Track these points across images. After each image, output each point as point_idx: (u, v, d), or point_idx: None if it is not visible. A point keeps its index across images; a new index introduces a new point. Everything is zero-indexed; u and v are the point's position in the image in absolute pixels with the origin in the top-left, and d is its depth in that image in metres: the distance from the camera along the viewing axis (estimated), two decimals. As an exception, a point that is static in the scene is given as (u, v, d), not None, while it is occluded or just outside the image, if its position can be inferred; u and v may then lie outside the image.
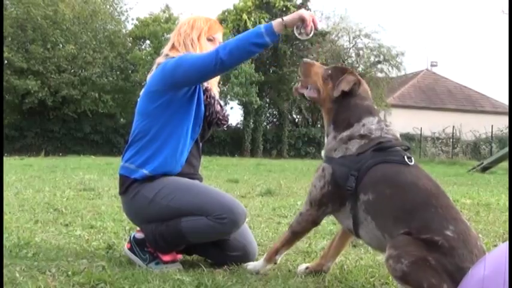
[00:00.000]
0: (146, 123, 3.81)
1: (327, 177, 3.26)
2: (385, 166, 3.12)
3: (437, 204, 2.93)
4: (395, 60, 37.63)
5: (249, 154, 34.20)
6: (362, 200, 3.11)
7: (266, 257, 3.55)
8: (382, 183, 3.08)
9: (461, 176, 15.85)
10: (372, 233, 3.12)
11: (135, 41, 38.18)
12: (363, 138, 3.25)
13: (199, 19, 4.00)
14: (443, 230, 2.80)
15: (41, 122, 33.46)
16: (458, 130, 35.58)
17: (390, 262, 2.81)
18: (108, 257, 3.97)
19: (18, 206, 6.89)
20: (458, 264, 2.70)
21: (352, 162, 3.18)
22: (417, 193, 2.99)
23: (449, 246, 2.75)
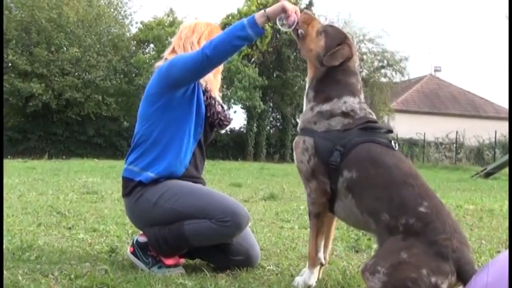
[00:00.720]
0: (148, 127, 3.82)
1: (310, 150, 3.23)
2: (371, 145, 3.12)
3: (415, 183, 2.97)
4: (399, 65, 37.60)
5: (252, 158, 34.20)
6: (345, 176, 3.10)
7: (309, 263, 3.39)
8: (368, 163, 3.08)
9: (465, 182, 15.83)
10: (350, 210, 3.13)
11: (139, 45, 38.23)
12: (347, 117, 3.24)
13: (200, 23, 4.04)
14: (418, 207, 2.86)
15: (44, 124, 33.47)
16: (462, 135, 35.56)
17: (367, 275, 2.80)
18: (111, 261, 3.97)
19: (21, 208, 6.90)
20: (431, 239, 2.75)
21: (337, 138, 3.17)
22: (398, 174, 3.01)
23: (422, 224, 2.81)
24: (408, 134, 35.34)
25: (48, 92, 31.60)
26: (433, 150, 34.77)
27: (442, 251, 2.71)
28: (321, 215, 3.31)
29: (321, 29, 3.44)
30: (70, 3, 33.41)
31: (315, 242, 3.35)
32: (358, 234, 5.05)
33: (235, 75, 33.40)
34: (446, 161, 32.53)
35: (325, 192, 3.21)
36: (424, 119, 39.79)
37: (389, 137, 3.22)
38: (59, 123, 33.56)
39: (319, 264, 3.42)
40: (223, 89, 33.65)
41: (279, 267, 3.93)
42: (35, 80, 31.25)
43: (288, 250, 4.55)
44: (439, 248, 2.72)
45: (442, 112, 42.12)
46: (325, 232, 3.49)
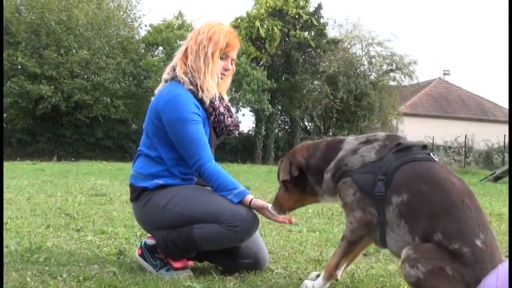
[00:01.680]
0: (152, 142, 3.84)
1: (354, 186, 3.16)
2: (413, 164, 3.05)
3: (471, 205, 2.91)
4: (408, 69, 37.46)
5: (260, 161, 34.16)
6: (395, 203, 3.00)
7: (325, 275, 3.32)
8: (417, 181, 2.99)
9: (474, 186, 15.75)
10: (402, 240, 3.00)
11: (147, 47, 38.25)
12: (373, 142, 3.23)
13: (218, 31, 3.84)
14: (474, 239, 2.78)
15: (53, 127, 33.53)
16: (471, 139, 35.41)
17: (406, 266, 2.78)
18: (119, 263, 3.98)
19: (30, 210, 6.92)
20: (478, 277, 2.67)
21: (375, 168, 3.10)
22: (453, 190, 2.94)
23: (474, 260, 2.73)
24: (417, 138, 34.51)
25: (58, 94, 31.66)
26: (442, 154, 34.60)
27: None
28: (355, 243, 3.25)
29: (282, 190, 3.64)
30: (80, 6, 33.48)
31: (338, 262, 3.30)
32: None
33: (243, 78, 33.39)
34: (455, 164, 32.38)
35: (369, 225, 3.13)
36: (432, 123, 39.67)
37: (424, 151, 3.15)
38: (68, 126, 33.62)
39: (334, 280, 3.41)
40: (232, 92, 33.68)
41: (287, 271, 3.93)
42: (44, 82, 31.32)
43: (296, 253, 4.55)
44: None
45: (451, 116, 42.00)
46: (352, 256, 3.47)
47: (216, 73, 3.82)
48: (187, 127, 3.67)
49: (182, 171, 3.78)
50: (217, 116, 3.86)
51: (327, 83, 35.61)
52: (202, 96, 3.75)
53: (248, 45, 35.78)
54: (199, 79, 3.75)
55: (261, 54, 36.41)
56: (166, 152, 3.77)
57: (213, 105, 3.83)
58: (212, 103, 3.83)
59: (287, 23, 36.23)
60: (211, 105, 3.82)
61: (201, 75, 3.75)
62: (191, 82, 3.76)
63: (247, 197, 3.65)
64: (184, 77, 3.78)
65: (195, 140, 3.67)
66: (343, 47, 37.98)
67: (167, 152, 3.76)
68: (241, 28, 36.13)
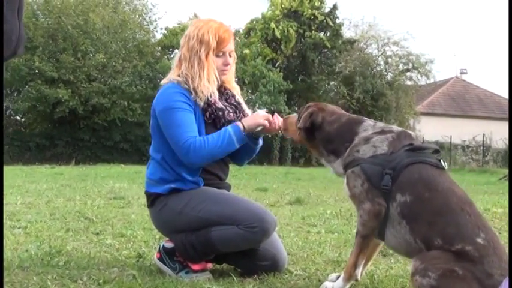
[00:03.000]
0: (157, 143, 3.88)
1: (362, 176, 3.17)
2: (421, 167, 3.07)
3: (471, 211, 2.93)
4: (425, 68, 37.33)
5: (277, 163, 34.12)
6: (399, 201, 3.04)
7: (345, 276, 3.30)
8: (421, 186, 3.03)
9: (492, 185, 15.69)
10: (402, 238, 3.07)
11: (163, 50, 38.40)
12: (386, 133, 3.25)
13: (207, 31, 3.80)
14: (475, 238, 2.81)
15: (71, 130, 33.71)
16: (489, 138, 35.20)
17: (417, 277, 2.79)
18: (138, 266, 4.00)
19: (50, 214, 6.95)
20: (487, 270, 2.72)
21: (385, 161, 3.12)
22: (454, 199, 2.97)
23: (479, 255, 2.76)
24: (434, 137, 35.03)
25: (75, 98, 31.83)
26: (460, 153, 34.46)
27: (497, 286, 2.66)
28: (368, 237, 3.24)
29: (296, 120, 3.64)
30: (96, 10, 33.66)
31: (355, 260, 3.28)
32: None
33: (259, 79, 33.43)
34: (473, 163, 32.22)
35: (379, 216, 3.13)
36: (450, 122, 39.48)
37: (437, 156, 3.17)
38: (86, 129, 33.78)
39: (354, 280, 3.39)
40: (248, 94, 33.71)
41: (306, 272, 3.93)
42: (61, 86, 31.51)
43: (315, 255, 4.54)
44: (495, 283, 2.68)
45: (469, 115, 41.78)
46: (368, 253, 3.46)
47: (213, 74, 3.80)
48: (174, 114, 3.69)
49: (187, 172, 3.77)
50: (215, 112, 3.82)
51: (343, 83, 35.57)
52: (195, 99, 3.74)
53: (264, 47, 35.82)
54: (192, 82, 3.74)
55: (277, 55, 36.43)
56: (168, 151, 3.78)
57: (208, 101, 3.80)
58: (207, 100, 3.79)
59: (302, 24, 36.24)
60: (206, 102, 3.79)
61: (196, 79, 3.74)
62: (185, 83, 3.77)
63: (240, 126, 3.70)
64: (178, 78, 3.81)
65: (182, 125, 3.66)
66: (359, 47, 37.91)
67: (169, 151, 3.78)
68: (257, 30, 36.20)
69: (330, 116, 3.49)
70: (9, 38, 3.16)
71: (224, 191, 3.88)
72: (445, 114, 41.21)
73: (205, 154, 3.64)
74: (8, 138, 32.44)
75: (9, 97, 34.69)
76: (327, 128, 3.44)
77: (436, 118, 40.10)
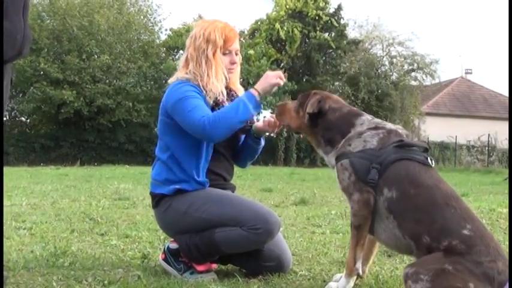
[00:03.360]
0: (164, 142, 3.87)
1: (349, 169, 3.23)
2: (408, 164, 3.12)
3: (457, 205, 2.97)
4: (429, 68, 37.29)
5: (282, 163, 34.11)
6: (386, 195, 3.09)
7: (346, 272, 3.33)
8: (407, 182, 3.07)
9: (497, 185, 15.64)
10: (391, 232, 3.12)
11: (168, 51, 38.41)
12: (379, 129, 3.29)
13: (213, 31, 3.84)
14: (461, 230, 2.86)
15: (76, 131, 33.77)
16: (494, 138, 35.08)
17: (409, 283, 2.80)
18: (143, 267, 4.00)
19: (55, 215, 6.97)
20: (476, 260, 2.75)
21: (373, 156, 3.17)
22: (439, 195, 3.01)
23: (466, 246, 2.80)
24: (439, 137, 35.01)
25: (80, 99, 31.87)
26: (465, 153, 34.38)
27: (488, 272, 2.71)
28: (361, 227, 3.24)
29: (296, 105, 3.63)
30: (101, 11, 33.70)
31: (354, 253, 3.30)
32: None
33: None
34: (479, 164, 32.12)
35: (368, 204, 3.16)
36: (455, 122, 39.41)
37: (424, 153, 3.20)
38: (91, 130, 33.82)
39: (356, 275, 3.36)
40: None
41: (311, 273, 3.93)
42: (66, 87, 31.55)
43: (320, 255, 4.54)
44: (485, 270, 2.71)
45: (474, 115, 41.69)
46: (368, 246, 3.50)
47: (221, 71, 3.82)
48: (186, 101, 3.68)
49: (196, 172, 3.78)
50: None
51: (348, 83, 35.55)
52: (205, 96, 3.76)
53: (268, 48, 35.82)
54: (201, 81, 3.76)
55: (282, 56, 36.41)
56: (177, 148, 3.79)
57: (216, 100, 3.84)
58: (216, 99, 3.84)
59: (307, 25, 36.22)
60: (215, 101, 3.83)
61: (204, 77, 3.76)
62: (195, 80, 3.78)
63: (254, 92, 3.69)
64: (186, 75, 3.82)
65: (195, 108, 3.66)
66: (364, 48, 37.88)
67: (178, 148, 3.78)
68: (262, 30, 36.21)
69: (335, 103, 3.53)
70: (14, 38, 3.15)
71: (229, 192, 3.89)
72: (450, 115, 41.13)
73: (222, 125, 3.60)
74: (13, 139, 32.52)
75: (15, 98, 34.74)
76: (330, 115, 3.47)
77: (441, 118, 40.03)
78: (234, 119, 3.63)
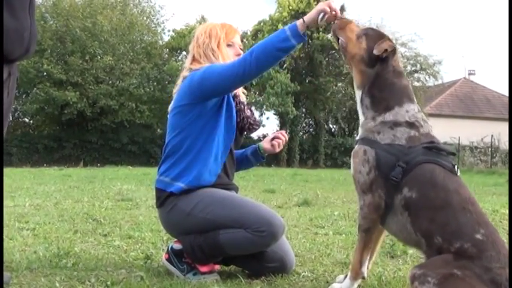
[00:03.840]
0: (179, 137, 3.83)
1: (371, 162, 3.14)
2: (435, 168, 3.04)
3: (473, 209, 2.93)
4: (432, 69, 37.29)
5: (285, 164, 34.13)
6: (404, 194, 3.03)
7: (351, 274, 3.29)
8: (430, 185, 3.01)
9: (501, 186, 15.62)
10: (404, 227, 3.07)
11: (171, 52, 38.48)
12: (412, 128, 3.17)
13: (214, 27, 3.99)
14: (474, 234, 2.82)
15: (79, 132, 33.85)
16: (497, 139, 35.02)
17: (416, 284, 2.77)
18: (146, 267, 4.00)
19: (58, 216, 6.97)
20: (485, 265, 2.72)
21: (401, 153, 3.08)
22: (456, 199, 2.96)
23: (477, 250, 2.77)
24: (442, 138, 34.89)
25: (83, 100, 31.96)
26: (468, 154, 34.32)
27: (497, 279, 2.69)
28: (370, 230, 3.22)
29: (360, 33, 3.39)
30: (104, 13, 33.79)
31: (360, 256, 3.26)
32: (394, 240, 5.02)
33: (267, 81, 33.41)
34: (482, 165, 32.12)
35: (379, 208, 3.13)
36: (458, 123, 39.37)
37: (452, 160, 3.16)
38: (94, 131, 33.90)
39: (361, 278, 3.34)
40: (256, 95, 33.71)
41: (314, 274, 3.92)
42: (69, 88, 31.64)
43: (323, 256, 4.54)
44: (494, 276, 2.69)
45: (477, 116, 41.64)
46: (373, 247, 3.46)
47: (228, 61, 3.85)
48: (213, 66, 3.72)
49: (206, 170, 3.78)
50: (238, 104, 3.95)
51: (350, 84, 35.47)
52: None
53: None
54: None
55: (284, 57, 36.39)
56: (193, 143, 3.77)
57: (236, 92, 3.94)
58: (238, 101, 3.94)
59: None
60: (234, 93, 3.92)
61: None
62: None
63: (298, 22, 3.54)
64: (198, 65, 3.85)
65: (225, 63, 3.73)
66: (367, 48, 37.81)
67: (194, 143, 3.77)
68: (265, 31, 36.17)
69: (398, 65, 3.35)
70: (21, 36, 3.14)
71: (233, 194, 3.88)
72: (453, 116, 41.09)
73: (260, 56, 3.52)
74: (17, 140, 32.61)
75: (18, 99, 34.83)
76: (390, 75, 3.29)
77: (444, 119, 39.96)
78: (271, 46, 3.51)
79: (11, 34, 3.04)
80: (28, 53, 3.25)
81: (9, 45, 3.05)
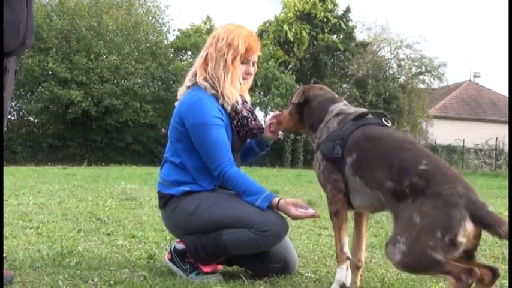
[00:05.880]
0: (177, 147, 3.84)
1: (319, 159, 3.44)
2: (364, 128, 3.30)
3: (411, 147, 3.13)
4: (438, 71, 37.21)
5: (289, 165, 34.09)
6: (348, 162, 3.25)
7: (338, 261, 3.42)
8: (363, 141, 3.24)
9: (505, 189, 15.55)
10: (363, 193, 3.22)
11: (176, 52, 38.49)
12: (339, 115, 3.48)
13: (237, 37, 3.78)
14: (418, 166, 2.98)
15: (83, 131, 33.84)
16: (502, 142, 34.92)
17: (390, 247, 2.89)
18: (149, 267, 4.00)
19: (62, 215, 6.98)
20: (435, 191, 2.85)
21: (335, 136, 3.35)
22: (393, 141, 3.18)
23: (425, 181, 2.90)
24: (447, 141, 34.95)
25: (88, 99, 31.96)
26: (473, 156, 34.24)
27: (449, 199, 2.79)
28: (339, 212, 3.37)
29: (289, 110, 3.83)
30: (109, 12, 33.78)
31: (339, 238, 3.40)
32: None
33: (272, 82, 33.42)
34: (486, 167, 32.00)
35: (340, 189, 3.33)
36: (463, 125, 39.33)
37: (380, 117, 3.40)
38: (98, 130, 33.89)
39: (347, 260, 3.38)
40: (260, 96, 33.71)
41: (317, 274, 3.93)
42: (74, 87, 31.65)
43: (326, 257, 4.54)
44: (446, 198, 2.80)
45: (482, 118, 41.58)
46: (357, 233, 3.65)
47: (237, 79, 3.79)
48: (209, 131, 3.67)
49: (206, 181, 3.78)
50: (240, 120, 3.85)
51: (355, 86, 35.52)
52: (223, 103, 3.74)
53: (276, 49, 35.86)
54: (219, 86, 3.74)
55: (289, 58, 36.42)
56: (189, 160, 3.77)
57: (236, 109, 3.81)
58: (235, 108, 3.81)
59: (315, 27, 36.24)
60: (234, 109, 3.80)
61: (221, 82, 3.74)
62: (212, 87, 3.76)
63: (274, 200, 3.64)
64: (205, 83, 3.77)
65: (217, 145, 3.67)
66: (372, 50, 37.85)
67: (190, 160, 3.77)
68: (270, 32, 36.23)
69: (318, 90, 3.73)
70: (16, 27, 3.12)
71: (235, 194, 3.87)
72: (458, 118, 41.03)
73: (229, 186, 3.74)
74: (21, 138, 32.65)
75: (23, 98, 34.89)
76: (311, 103, 3.67)
77: (449, 122, 39.94)
78: (242, 196, 3.69)
79: (6, 26, 3.02)
80: (24, 46, 3.22)
81: (4, 37, 3.02)
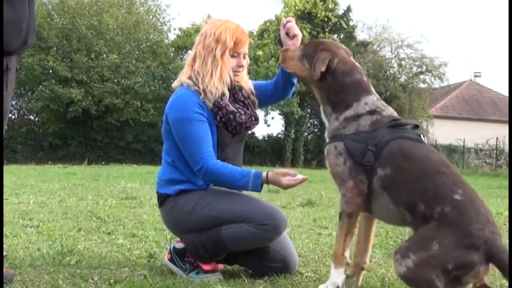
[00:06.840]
0: (168, 147, 3.87)
1: (344, 153, 3.24)
2: (401, 141, 3.17)
3: (448, 171, 3.05)
4: (438, 71, 37.21)
5: (289, 164, 34.14)
6: (379, 175, 3.15)
7: (334, 263, 3.31)
8: (400, 158, 3.13)
9: (505, 189, 15.55)
10: (386, 208, 3.17)
11: (177, 51, 38.48)
12: (374, 114, 3.29)
13: (225, 31, 3.76)
14: (453, 195, 2.94)
15: (84, 130, 33.87)
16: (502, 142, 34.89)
17: (398, 256, 2.90)
18: (149, 266, 4.00)
19: (62, 213, 6.98)
20: (465, 230, 2.83)
21: (368, 138, 3.20)
22: (430, 164, 3.09)
23: (457, 213, 2.88)
24: (448, 140, 34.93)
25: (88, 98, 31.98)
26: (473, 156, 34.22)
27: (474, 242, 2.78)
28: (353, 215, 3.27)
29: (300, 55, 3.56)
30: (110, 11, 33.81)
31: (343, 241, 3.29)
32: (397, 241, 5.01)
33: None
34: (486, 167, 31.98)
35: (362, 192, 3.21)
36: (463, 125, 39.31)
37: (417, 131, 3.28)
38: (99, 129, 33.92)
39: (345, 264, 3.33)
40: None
41: (317, 274, 3.92)
42: (75, 86, 31.68)
43: (326, 257, 4.53)
44: (471, 239, 2.79)
45: (482, 118, 41.56)
46: (365, 236, 3.55)
47: (227, 73, 3.76)
48: (190, 126, 3.66)
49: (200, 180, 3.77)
50: (226, 115, 3.77)
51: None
52: (204, 100, 3.71)
53: (277, 48, 35.77)
54: (202, 82, 3.71)
55: (290, 57, 36.33)
56: (178, 158, 3.78)
57: (218, 104, 3.75)
58: (217, 103, 3.75)
59: (316, 26, 36.26)
60: (217, 104, 3.74)
61: (206, 78, 3.71)
62: (195, 84, 3.74)
63: (263, 175, 3.61)
64: (188, 81, 3.77)
65: (198, 139, 3.65)
66: (373, 50, 37.85)
67: (179, 158, 3.78)
68: (270, 31, 36.23)
69: (343, 65, 3.44)
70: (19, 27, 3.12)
71: (232, 190, 3.86)
72: (458, 118, 41.01)
73: (214, 180, 3.71)
74: (22, 137, 32.69)
75: (23, 97, 34.92)
76: (340, 78, 3.40)
77: (450, 121, 39.92)
78: (228, 183, 3.69)
79: (8, 25, 3.02)
80: (26, 45, 3.22)
81: (6, 37, 3.03)
